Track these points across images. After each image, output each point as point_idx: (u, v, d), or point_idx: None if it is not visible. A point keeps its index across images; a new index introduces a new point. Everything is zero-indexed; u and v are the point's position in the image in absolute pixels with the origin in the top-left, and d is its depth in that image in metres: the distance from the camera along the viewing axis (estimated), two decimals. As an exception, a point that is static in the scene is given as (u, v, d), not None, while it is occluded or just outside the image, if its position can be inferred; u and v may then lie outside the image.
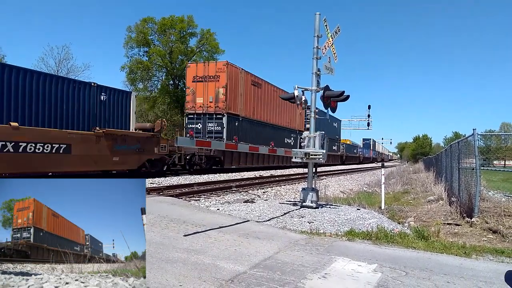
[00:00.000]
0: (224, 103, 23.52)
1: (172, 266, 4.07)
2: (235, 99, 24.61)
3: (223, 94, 23.51)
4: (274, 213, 8.20)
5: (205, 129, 23.70)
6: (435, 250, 5.40)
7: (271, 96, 30.46)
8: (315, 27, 9.08)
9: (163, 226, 6.14)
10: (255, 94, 27.55)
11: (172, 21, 48.47)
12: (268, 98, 30.05)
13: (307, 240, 5.68)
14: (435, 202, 11.63)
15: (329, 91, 8.96)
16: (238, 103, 25.04)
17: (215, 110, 23.69)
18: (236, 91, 24.78)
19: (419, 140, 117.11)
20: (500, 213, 7.85)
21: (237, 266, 4.20)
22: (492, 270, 4.49)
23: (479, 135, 8.75)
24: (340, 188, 18.77)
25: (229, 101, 23.79)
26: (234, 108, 24.48)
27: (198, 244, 5.11)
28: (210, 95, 23.80)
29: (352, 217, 7.90)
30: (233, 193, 13.51)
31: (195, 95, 24.21)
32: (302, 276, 3.95)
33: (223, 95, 23.53)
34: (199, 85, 24.20)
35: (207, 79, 24.00)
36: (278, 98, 29.52)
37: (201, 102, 24.09)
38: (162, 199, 9.51)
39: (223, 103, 23.53)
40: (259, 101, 28.13)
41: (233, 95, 24.28)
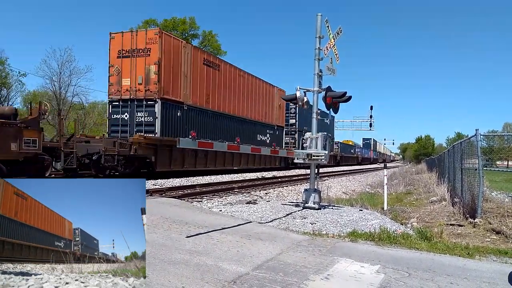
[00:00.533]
0: (156, 85, 17.56)
1: (174, 268, 4.07)
2: (175, 80, 18.74)
3: (155, 73, 17.58)
4: (277, 214, 8.20)
5: (133, 120, 17.94)
6: (438, 251, 5.38)
7: (237, 82, 24.74)
8: (316, 28, 9.09)
9: (166, 227, 6.14)
10: (211, 77, 21.75)
11: (174, 22, 48.63)
12: (233, 84, 24.23)
13: (309, 241, 5.67)
14: (438, 202, 11.60)
15: (331, 92, 8.95)
16: (181, 87, 19.13)
17: (145, 95, 17.74)
18: (177, 70, 18.88)
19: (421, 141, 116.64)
20: (504, 214, 7.82)
21: (240, 267, 4.19)
22: (496, 271, 4.46)
23: (482, 136, 8.72)
24: (343, 189, 18.73)
25: (164, 82, 17.89)
26: (174, 92, 18.67)
27: (201, 245, 5.11)
28: (139, 75, 17.82)
29: (355, 218, 7.88)
30: (235, 194, 13.51)
31: (121, 75, 18.24)
32: (304, 277, 3.94)
33: (155, 74, 17.58)
34: (125, 62, 18.16)
35: (135, 54, 17.93)
36: (248, 85, 26.02)
37: (128, 85, 18.02)
38: (164, 201, 9.52)
39: (155, 85, 17.60)
40: (217, 87, 22.34)
41: (171, 75, 18.41)
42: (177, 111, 18.94)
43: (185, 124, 19.50)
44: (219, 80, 22.58)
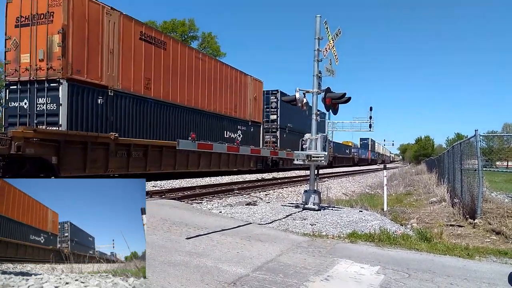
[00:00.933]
0: (60, 60, 13.04)
1: (174, 269, 4.07)
2: (92, 56, 14.20)
3: (59, 45, 13.07)
4: (277, 216, 8.19)
5: (34, 109, 13.47)
6: (438, 251, 5.38)
7: (194, 67, 20.08)
8: (315, 29, 9.10)
9: (166, 229, 6.14)
10: (154, 58, 17.26)
11: (173, 24, 48.76)
12: (188, 69, 19.51)
13: (309, 243, 5.67)
14: (437, 203, 11.61)
15: (331, 93, 8.96)
16: (102, 66, 14.65)
17: (47, 75, 13.23)
18: (96, 44, 14.40)
19: (421, 142, 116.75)
20: (503, 214, 7.82)
21: (240, 268, 4.19)
22: (496, 271, 4.46)
23: (481, 136, 8.73)
24: (342, 190, 18.73)
25: (73, 57, 13.40)
26: (91, 72, 14.13)
27: (201, 247, 5.11)
28: (40, 48, 13.32)
29: (355, 219, 7.88)
30: (235, 195, 13.51)
31: (19, 49, 13.67)
32: (304, 278, 3.94)
33: (58, 47, 13.09)
34: (25, 33, 13.58)
35: (36, 21, 13.42)
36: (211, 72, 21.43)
37: (28, 62, 13.48)
38: (164, 202, 9.52)
39: (59, 61, 13.07)
40: (163, 70, 17.86)
41: (85, 49, 13.90)
42: (96, 97, 14.37)
43: (110, 114, 14.92)
44: (166, 61, 18.01)
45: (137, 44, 16.36)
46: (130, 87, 15.98)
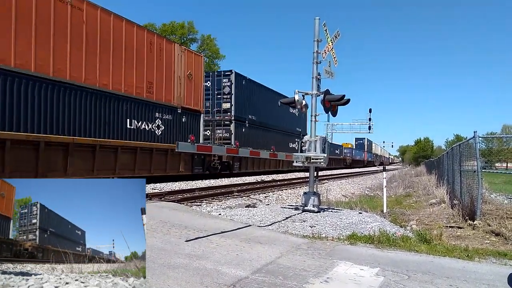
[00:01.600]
0: None
1: (174, 272, 4.07)
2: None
3: None
4: (276, 218, 8.19)
5: None
6: (437, 253, 5.38)
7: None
8: (314, 31, 9.13)
9: (165, 231, 6.14)
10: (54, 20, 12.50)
11: (172, 27, 48.85)
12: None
13: (309, 245, 5.67)
14: (437, 205, 11.61)
15: (330, 95, 8.97)
16: None
17: None
18: None
19: (420, 143, 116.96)
20: (503, 216, 7.83)
21: (239, 271, 4.19)
22: (495, 273, 4.47)
23: (481, 138, 8.75)
24: (342, 192, 18.72)
25: None
26: None
27: (200, 249, 5.10)
28: None
29: (354, 221, 7.88)
30: (234, 198, 13.50)
31: None
32: (304, 280, 3.94)
33: None
34: None
35: None
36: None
37: None
38: (163, 205, 9.51)
39: None
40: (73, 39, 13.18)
41: None
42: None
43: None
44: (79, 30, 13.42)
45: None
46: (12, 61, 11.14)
